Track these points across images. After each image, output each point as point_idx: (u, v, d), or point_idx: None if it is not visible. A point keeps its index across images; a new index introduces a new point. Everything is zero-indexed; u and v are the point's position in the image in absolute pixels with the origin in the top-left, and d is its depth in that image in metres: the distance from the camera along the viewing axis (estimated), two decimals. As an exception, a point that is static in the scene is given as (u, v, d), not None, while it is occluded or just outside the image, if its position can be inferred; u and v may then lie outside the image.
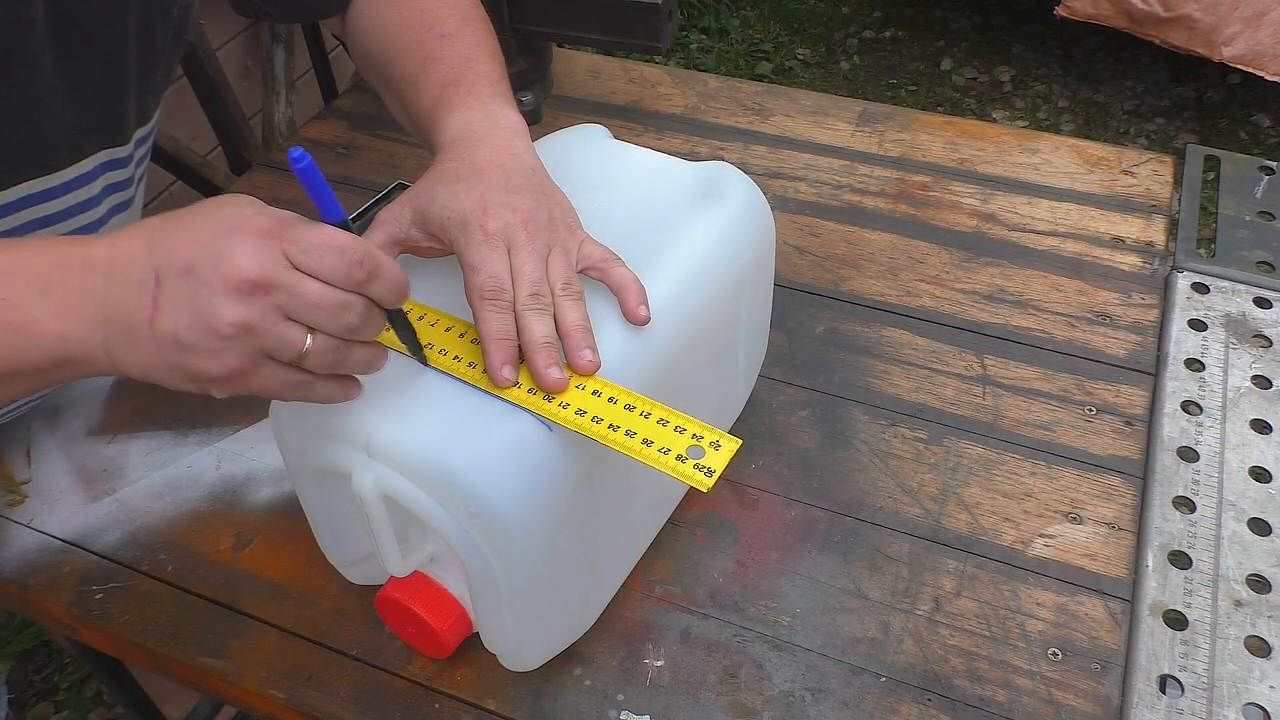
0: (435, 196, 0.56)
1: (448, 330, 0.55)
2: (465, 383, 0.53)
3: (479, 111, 0.62)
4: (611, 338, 0.55)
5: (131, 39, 0.64)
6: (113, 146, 0.67)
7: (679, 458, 0.49)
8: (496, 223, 0.54)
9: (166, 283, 0.44)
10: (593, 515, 0.56)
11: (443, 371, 0.53)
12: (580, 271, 0.57)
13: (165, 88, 0.71)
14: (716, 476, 0.49)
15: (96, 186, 0.67)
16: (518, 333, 0.53)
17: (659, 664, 0.63)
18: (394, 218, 0.57)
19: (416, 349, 0.53)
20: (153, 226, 0.47)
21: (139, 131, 0.70)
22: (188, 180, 1.59)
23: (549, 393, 0.52)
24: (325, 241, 0.45)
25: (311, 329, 0.45)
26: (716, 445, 0.50)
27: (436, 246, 0.57)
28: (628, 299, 0.56)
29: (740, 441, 0.50)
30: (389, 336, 0.53)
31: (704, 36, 2.78)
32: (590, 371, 0.53)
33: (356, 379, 0.51)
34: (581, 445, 0.52)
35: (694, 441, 0.50)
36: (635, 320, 0.55)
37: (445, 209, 0.55)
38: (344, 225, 0.47)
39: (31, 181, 0.62)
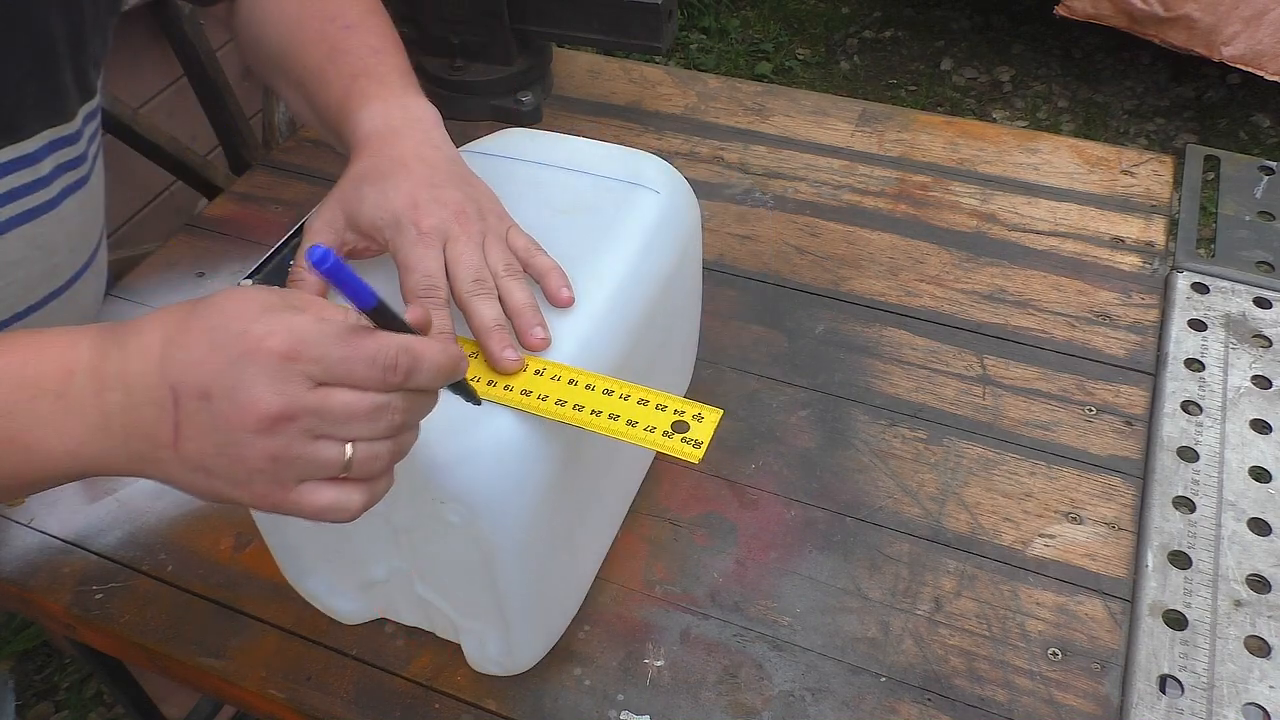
0: (364, 196, 0.56)
1: None
2: None
3: (394, 104, 0.61)
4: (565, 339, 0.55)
5: (56, 10, 0.62)
6: (58, 124, 0.66)
7: (665, 434, 0.50)
8: (430, 220, 0.54)
9: (184, 406, 0.41)
10: (571, 503, 0.57)
11: None
12: None
13: (103, 58, 0.69)
14: (705, 447, 0.50)
15: (45, 166, 0.65)
16: (467, 319, 0.53)
17: (659, 664, 0.63)
18: (327, 224, 0.57)
19: (471, 395, 0.51)
20: (164, 332, 0.43)
21: (86, 107, 0.68)
22: (188, 180, 1.60)
23: (505, 374, 0.52)
24: (351, 355, 0.41)
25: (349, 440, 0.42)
26: (699, 418, 0.51)
27: (372, 247, 0.57)
28: (549, 283, 0.56)
29: (722, 411, 0.51)
30: None
31: (704, 36, 2.78)
32: (542, 348, 0.53)
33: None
34: (557, 435, 0.53)
35: (677, 416, 0.51)
36: (559, 303, 0.56)
37: (376, 208, 0.55)
38: (377, 310, 0.43)
39: None
